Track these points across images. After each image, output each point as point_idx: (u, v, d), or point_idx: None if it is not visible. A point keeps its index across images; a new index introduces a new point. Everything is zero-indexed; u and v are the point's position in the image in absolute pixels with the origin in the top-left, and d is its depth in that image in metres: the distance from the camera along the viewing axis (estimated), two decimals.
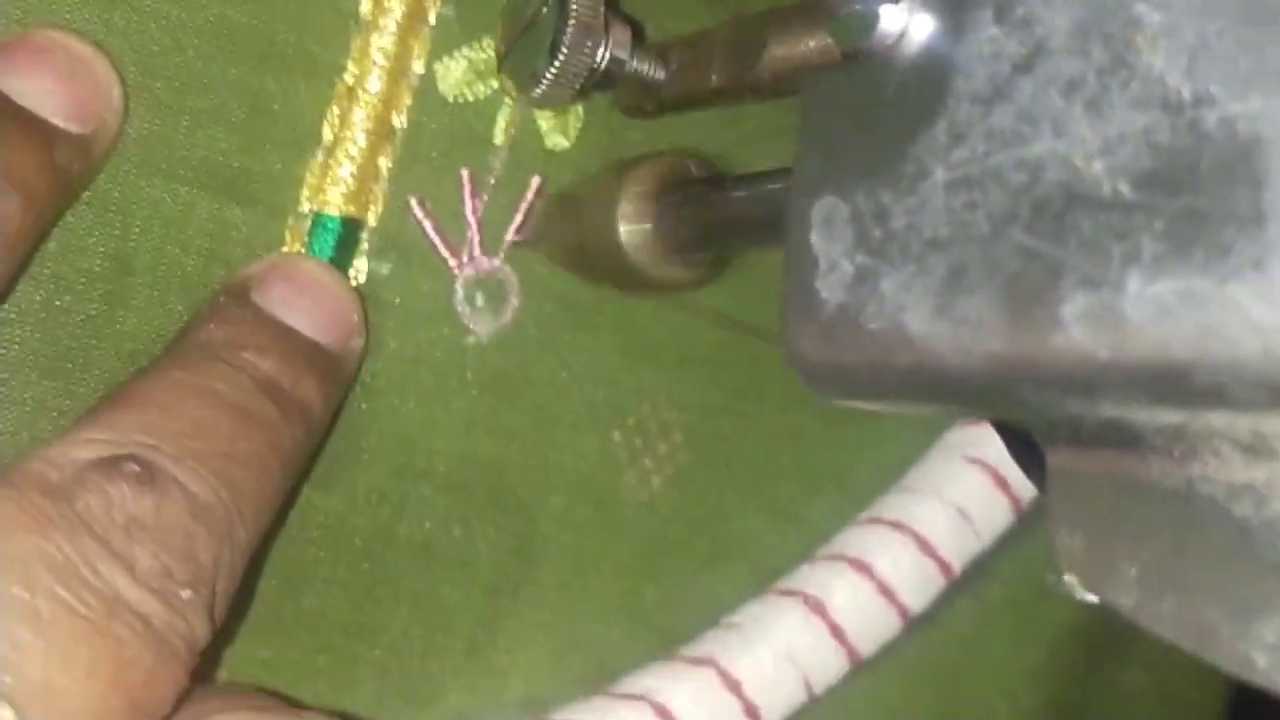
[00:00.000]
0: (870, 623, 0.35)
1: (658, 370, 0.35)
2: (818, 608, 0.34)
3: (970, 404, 0.23)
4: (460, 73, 0.31)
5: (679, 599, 0.35)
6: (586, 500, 0.34)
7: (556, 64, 0.29)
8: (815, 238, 0.25)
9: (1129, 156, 0.20)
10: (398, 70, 0.30)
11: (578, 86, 0.29)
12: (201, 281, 0.29)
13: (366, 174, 0.30)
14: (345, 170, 0.30)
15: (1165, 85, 0.20)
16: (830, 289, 0.24)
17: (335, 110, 0.30)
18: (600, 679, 0.33)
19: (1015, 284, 0.22)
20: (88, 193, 0.28)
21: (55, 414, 0.28)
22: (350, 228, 0.30)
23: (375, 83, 0.30)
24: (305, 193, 0.30)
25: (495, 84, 0.32)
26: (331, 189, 0.30)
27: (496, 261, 0.32)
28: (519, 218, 0.32)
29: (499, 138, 0.32)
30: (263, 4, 0.29)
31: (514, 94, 0.30)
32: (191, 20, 0.29)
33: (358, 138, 0.30)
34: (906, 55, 0.24)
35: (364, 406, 0.32)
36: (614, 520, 0.35)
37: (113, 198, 0.29)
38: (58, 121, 0.27)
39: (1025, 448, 0.24)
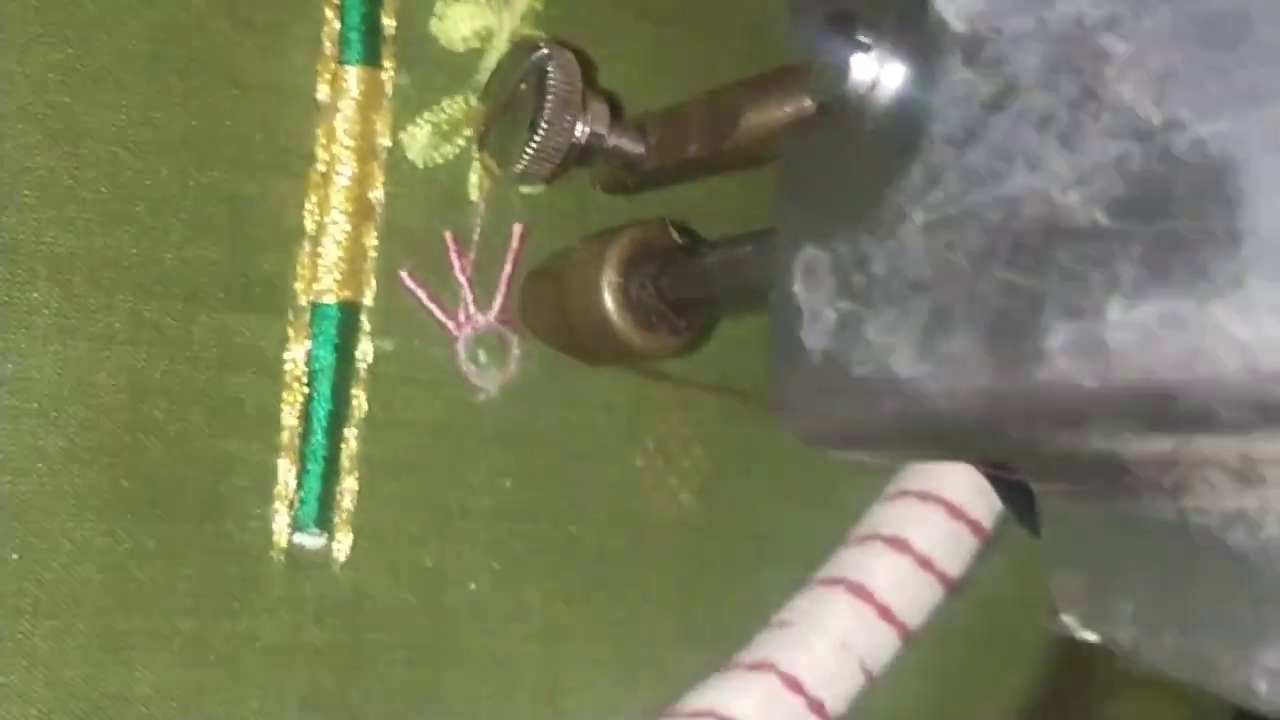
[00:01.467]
0: (915, 596, 0.36)
1: (666, 389, 0.35)
2: (862, 592, 0.35)
3: (961, 446, 0.23)
4: (425, 138, 0.32)
5: (728, 605, 0.36)
6: (620, 529, 0.35)
7: (536, 140, 0.29)
8: (798, 288, 0.25)
9: (1104, 185, 0.21)
10: (366, 149, 0.31)
11: (557, 162, 0.30)
12: (218, 393, 0.30)
13: (355, 256, 0.31)
14: (333, 256, 0.31)
15: (1136, 113, 0.21)
16: (815, 338, 0.24)
17: (313, 199, 0.31)
18: (666, 696, 0.34)
19: (998, 320, 0.22)
20: (92, 327, 0.29)
21: (98, 554, 0.29)
22: (349, 312, 0.31)
23: (346, 165, 0.31)
24: (299, 285, 0.31)
25: (461, 142, 0.32)
26: (324, 277, 0.31)
27: (493, 316, 0.33)
28: (508, 269, 0.33)
29: (474, 194, 0.32)
30: (225, 109, 0.30)
31: (495, 171, 0.31)
32: (159, 139, 0.29)
33: (340, 221, 0.31)
34: (880, 103, 0.24)
35: (391, 486, 0.32)
36: (651, 543, 0.36)
37: (115, 329, 0.29)
38: None
39: (1017, 491, 0.24)
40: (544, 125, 0.29)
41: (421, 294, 0.32)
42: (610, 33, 0.34)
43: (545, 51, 0.30)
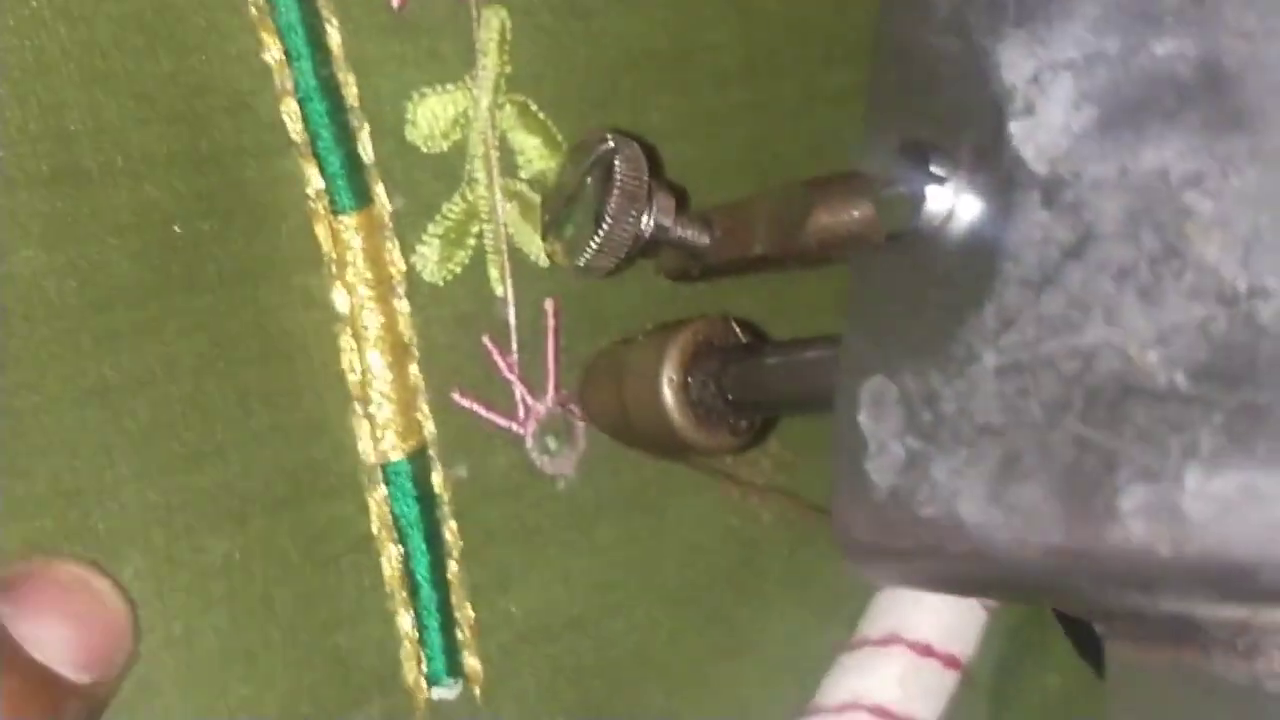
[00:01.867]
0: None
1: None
2: None
3: (1026, 594, 0.23)
4: (436, 254, 0.31)
5: (838, 589, 0.36)
6: (729, 546, 0.35)
7: (601, 234, 0.29)
8: (864, 418, 0.25)
9: (1185, 348, 0.20)
10: (383, 289, 0.30)
11: (622, 255, 0.30)
12: (321, 583, 0.29)
13: (405, 401, 0.30)
14: (387, 413, 0.30)
15: (1220, 276, 0.20)
16: (880, 472, 0.24)
17: (348, 361, 0.30)
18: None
19: (1071, 474, 0.21)
20: (184, 576, 0.28)
21: None
22: (418, 461, 0.31)
23: (371, 314, 0.30)
24: (363, 453, 0.30)
25: (472, 241, 0.32)
26: (384, 435, 0.30)
27: (549, 400, 0.33)
28: (550, 347, 0.33)
29: (499, 288, 0.32)
30: (239, 302, 0.29)
31: (560, 261, 0.31)
32: (207, 381, 0.28)
33: (381, 374, 0.30)
34: (953, 235, 0.24)
35: (503, 601, 0.32)
36: (759, 551, 0.36)
37: (216, 565, 0.28)
38: (70, 674, 0.25)
39: (1084, 634, 0.24)
40: (609, 219, 0.29)
41: (478, 408, 0.32)
42: (585, 83, 0.33)
43: (611, 145, 0.29)
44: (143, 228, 0.28)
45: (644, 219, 0.30)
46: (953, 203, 0.24)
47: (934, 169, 0.24)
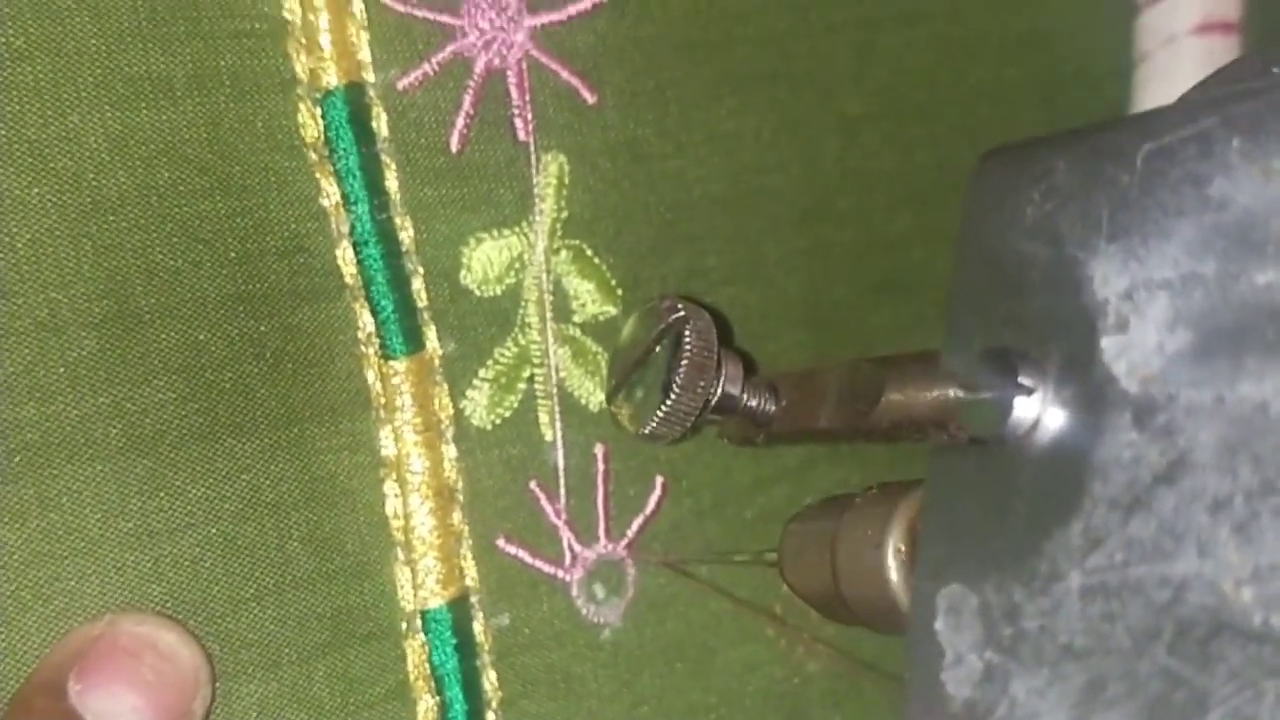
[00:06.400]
0: None
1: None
2: None
3: None
4: (486, 399, 0.32)
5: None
6: (775, 701, 0.36)
7: (669, 403, 0.30)
8: (941, 626, 0.25)
9: None
10: (431, 434, 0.31)
11: (689, 425, 0.30)
12: None
13: (448, 548, 0.31)
14: (429, 560, 0.31)
15: None
16: (957, 684, 0.25)
17: (392, 508, 0.31)
18: None
19: (1158, 706, 0.22)
20: None
21: None
22: (459, 609, 0.31)
23: (417, 459, 0.31)
24: (402, 599, 0.31)
25: (523, 385, 0.32)
26: (425, 581, 0.31)
27: (600, 548, 0.33)
28: (600, 494, 0.33)
29: (548, 433, 0.33)
30: (285, 445, 0.29)
31: (626, 426, 0.31)
32: (249, 526, 0.29)
33: (425, 520, 0.31)
34: (1039, 446, 0.25)
35: None
36: (808, 700, 0.36)
37: (244, 714, 0.29)
38: None
39: None
40: (678, 388, 0.30)
41: (523, 554, 0.32)
42: (642, 228, 0.34)
43: (682, 313, 0.30)
44: (191, 370, 0.28)
45: (712, 389, 0.30)
46: (1039, 413, 0.25)
47: (1022, 378, 0.25)
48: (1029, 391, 0.25)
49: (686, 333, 0.30)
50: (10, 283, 0.26)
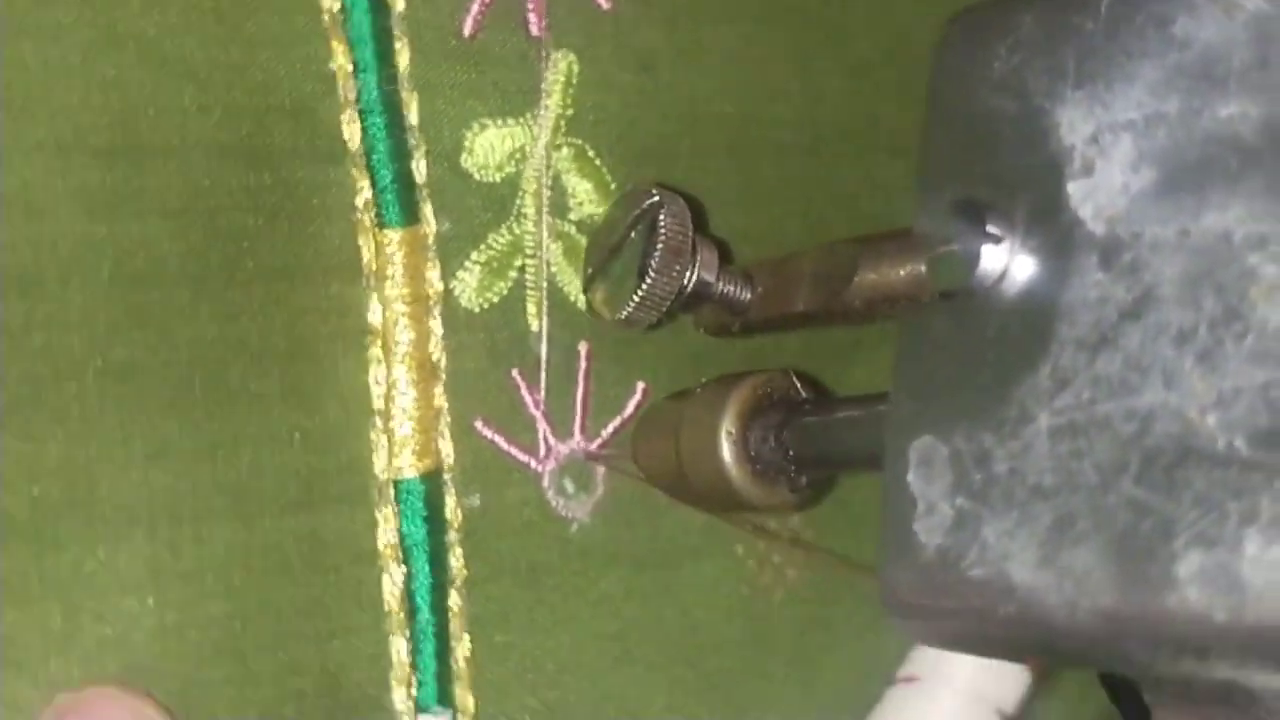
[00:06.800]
0: None
1: None
2: None
3: (1075, 657, 0.23)
4: (476, 281, 0.32)
5: (852, 667, 0.37)
6: (735, 619, 0.36)
7: (644, 288, 0.30)
8: (913, 478, 0.25)
9: (1245, 412, 0.21)
10: (419, 308, 0.31)
11: (664, 310, 0.31)
12: (320, 593, 0.30)
13: (426, 421, 0.31)
14: (407, 429, 0.31)
15: None
16: (929, 532, 0.25)
17: (374, 374, 0.31)
18: None
19: (1126, 538, 0.22)
20: (182, 565, 0.28)
21: None
22: (431, 482, 0.32)
23: (404, 331, 0.31)
24: (377, 465, 0.31)
25: (513, 274, 0.33)
26: (401, 452, 0.31)
27: (574, 444, 0.33)
28: (580, 392, 0.33)
29: (534, 324, 0.33)
30: (273, 300, 0.30)
31: (602, 315, 0.32)
32: (231, 373, 0.29)
33: (406, 390, 0.31)
34: (1007, 295, 0.25)
35: (502, 638, 0.33)
36: (767, 624, 0.36)
37: (214, 559, 0.29)
38: None
39: (1130, 699, 0.24)
40: (653, 273, 0.30)
41: (499, 440, 0.33)
42: (644, 137, 0.35)
43: (657, 199, 0.31)
44: (188, 213, 0.29)
45: (687, 274, 0.31)
46: (1007, 262, 0.25)
47: (990, 228, 0.25)
48: (997, 240, 0.25)
49: (662, 217, 0.30)
50: (19, 102, 0.27)
